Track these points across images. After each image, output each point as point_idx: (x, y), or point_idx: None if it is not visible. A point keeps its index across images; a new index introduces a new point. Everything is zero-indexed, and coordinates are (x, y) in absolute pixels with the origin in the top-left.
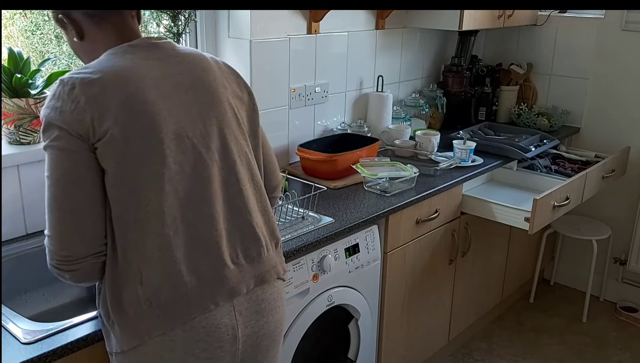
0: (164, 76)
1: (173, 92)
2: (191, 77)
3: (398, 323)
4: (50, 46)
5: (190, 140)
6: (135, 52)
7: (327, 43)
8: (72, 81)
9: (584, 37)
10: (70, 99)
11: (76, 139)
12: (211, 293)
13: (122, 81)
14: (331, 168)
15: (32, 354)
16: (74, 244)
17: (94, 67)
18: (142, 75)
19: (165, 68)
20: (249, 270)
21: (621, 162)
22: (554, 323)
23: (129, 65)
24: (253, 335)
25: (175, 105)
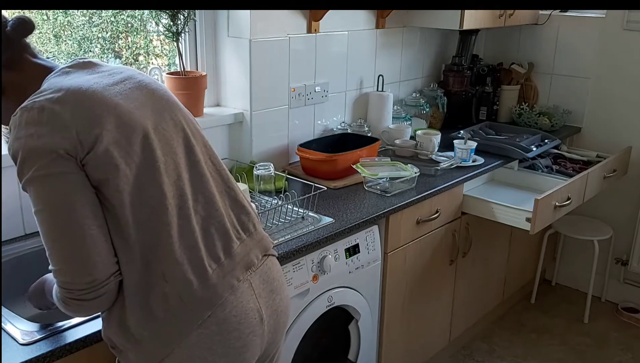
0: (115, 83)
1: (131, 95)
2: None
3: (398, 324)
4: (49, 45)
5: (167, 131)
6: (74, 71)
7: (327, 42)
8: (38, 104)
9: (586, 37)
10: (45, 121)
11: (65, 160)
12: (230, 270)
13: (86, 93)
14: (331, 168)
15: (31, 355)
16: (95, 267)
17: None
18: (99, 86)
19: (110, 78)
20: (251, 241)
21: (623, 162)
22: (555, 324)
23: (79, 80)
24: (274, 313)
25: (139, 105)
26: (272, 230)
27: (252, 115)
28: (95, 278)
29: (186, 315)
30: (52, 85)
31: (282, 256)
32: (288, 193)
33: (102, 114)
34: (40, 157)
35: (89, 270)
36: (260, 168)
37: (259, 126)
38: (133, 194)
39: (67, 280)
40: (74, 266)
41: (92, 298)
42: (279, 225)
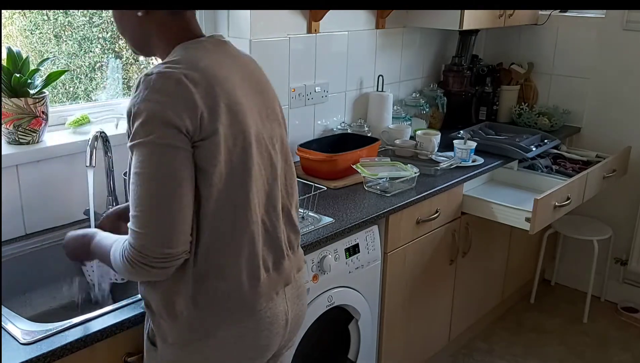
0: (241, 76)
1: (249, 93)
2: (256, 80)
3: (398, 324)
4: (50, 45)
5: (265, 141)
6: (211, 50)
7: (327, 43)
8: (176, 76)
9: (585, 37)
10: (178, 94)
11: (183, 136)
12: (274, 283)
13: (218, 79)
14: (331, 168)
15: (31, 355)
16: (177, 242)
17: (186, 63)
18: (228, 73)
19: (238, 68)
20: (294, 259)
21: (622, 162)
22: (555, 324)
23: (215, 62)
24: (296, 317)
25: (251, 106)
26: None
27: None
28: (174, 251)
29: (227, 313)
30: (188, 58)
31: None
32: None
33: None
34: (163, 126)
35: (171, 242)
36: None
37: None
38: (221, 191)
39: (146, 245)
40: (159, 234)
41: (160, 267)
42: None
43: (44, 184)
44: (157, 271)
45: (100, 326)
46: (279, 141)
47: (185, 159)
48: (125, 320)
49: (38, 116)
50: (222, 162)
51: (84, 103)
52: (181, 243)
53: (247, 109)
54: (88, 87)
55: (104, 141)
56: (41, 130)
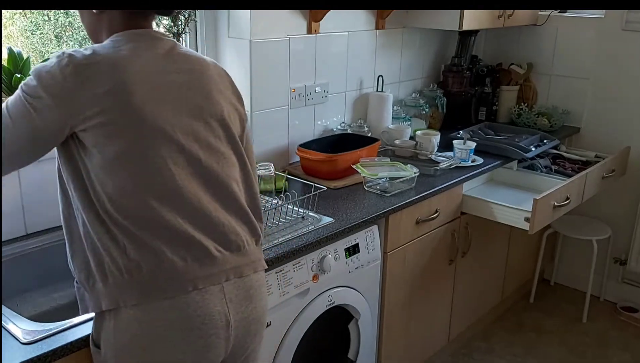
0: (160, 71)
1: (165, 88)
2: (187, 77)
3: (398, 324)
4: (50, 45)
5: (175, 135)
6: (138, 42)
7: (327, 43)
8: (70, 59)
9: (584, 37)
10: (61, 76)
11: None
12: (191, 276)
13: (116, 69)
14: (331, 168)
15: (32, 354)
16: None
17: (96, 50)
18: (138, 66)
19: (162, 63)
20: (230, 260)
21: (621, 162)
22: (554, 324)
23: (128, 54)
24: (243, 320)
25: (165, 100)
26: (272, 230)
27: (253, 115)
28: None
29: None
30: (101, 48)
31: (282, 256)
32: (288, 193)
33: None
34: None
35: None
36: (261, 168)
37: (259, 127)
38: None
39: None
40: None
41: None
42: (279, 225)
43: (45, 184)
44: None
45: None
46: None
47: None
48: None
49: None
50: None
51: None
52: None
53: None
54: None
55: None
56: None
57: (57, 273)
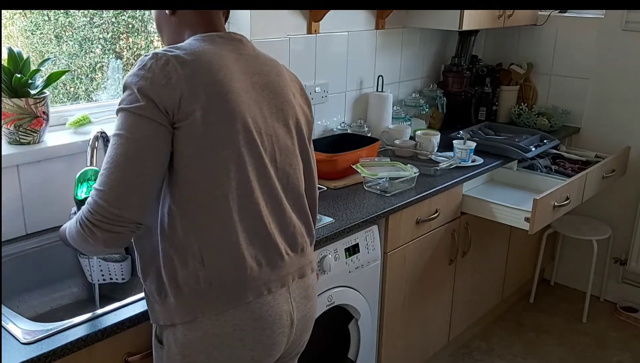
0: (245, 71)
1: (251, 88)
2: (267, 79)
3: (398, 324)
4: (50, 45)
5: (260, 136)
6: (221, 43)
7: (327, 43)
8: (167, 57)
9: (584, 37)
10: (163, 74)
11: (161, 113)
12: (266, 279)
13: (211, 67)
14: (331, 168)
15: (32, 354)
16: (129, 206)
17: (186, 49)
18: (228, 65)
19: (245, 64)
20: (295, 262)
21: (621, 162)
22: (554, 324)
23: (217, 53)
24: (303, 318)
25: (252, 100)
26: None
27: None
28: (122, 214)
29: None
30: (189, 46)
31: None
32: None
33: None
34: (143, 99)
35: (122, 203)
36: None
37: None
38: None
39: (99, 202)
40: (113, 194)
41: (106, 229)
42: None
43: (45, 185)
44: (101, 233)
45: (101, 326)
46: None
47: (162, 133)
48: (126, 320)
49: (39, 116)
50: (198, 146)
51: (84, 103)
52: (132, 208)
53: (247, 101)
54: (89, 88)
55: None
56: (42, 130)
57: (57, 273)
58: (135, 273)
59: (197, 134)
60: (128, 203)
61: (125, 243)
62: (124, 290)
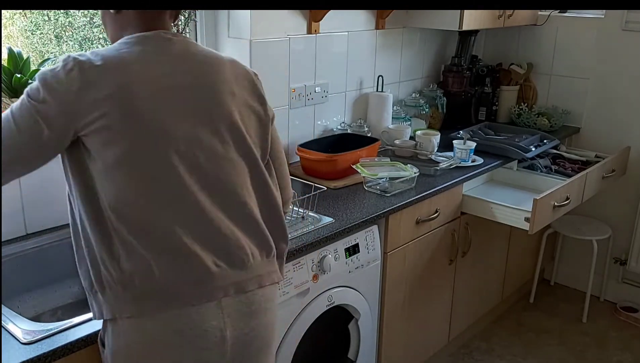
0: (166, 74)
1: (170, 92)
2: (195, 79)
3: (398, 324)
4: (50, 45)
5: (174, 143)
6: (146, 44)
7: (327, 43)
8: (74, 63)
9: (584, 37)
10: (66, 80)
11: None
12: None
13: (119, 72)
14: (331, 168)
15: (32, 354)
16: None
17: (101, 54)
18: (142, 70)
19: (170, 66)
20: (231, 276)
21: (621, 162)
22: (554, 324)
23: (134, 58)
24: (243, 336)
25: (168, 105)
26: None
27: None
28: None
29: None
30: (106, 51)
31: None
32: None
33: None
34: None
35: None
36: None
37: None
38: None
39: None
40: None
41: None
42: None
43: (45, 184)
44: None
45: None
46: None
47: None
48: None
49: None
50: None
51: None
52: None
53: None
54: None
55: None
56: None
57: (57, 273)
58: None
59: (101, 142)
60: None
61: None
62: None
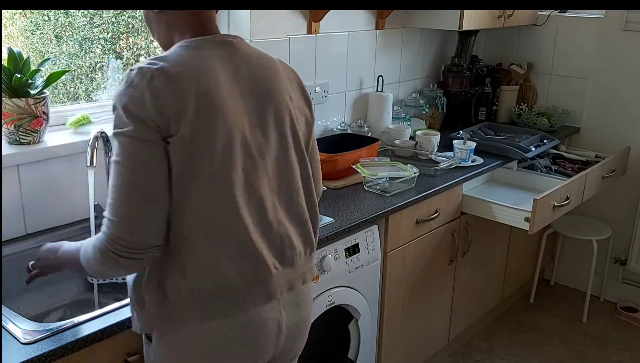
0: (234, 78)
1: (239, 97)
2: (259, 84)
3: (398, 324)
4: (50, 45)
5: (248, 149)
6: (208, 49)
7: (327, 43)
8: (152, 71)
9: (584, 37)
10: (149, 90)
11: (154, 131)
12: (250, 294)
13: (198, 79)
14: (331, 168)
15: (32, 354)
16: (147, 232)
17: (171, 60)
18: (215, 75)
19: (235, 70)
20: (284, 276)
21: (621, 162)
22: (554, 324)
23: (204, 62)
24: (294, 325)
25: (241, 110)
26: None
27: None
28: (140, 242)
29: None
30: (175, 57)
31: None
32: None
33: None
34: (133, 120)
35: (138, 232)
36: None
37: None
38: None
39: (116, 232)
40: (126, 223)
41: (128, 258)
42: None
43: (45, 185)
44: (125, 261)
45: (101, 326)
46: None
47: (155, 153)
48: (126, 320)
49: (39, 116)
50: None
51: (84, 103)
52: (149, 235)
53: (232, 112)
54: (89, 88)
55: (105, 141)
56: (42, 130)
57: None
58: None
59: (185, 150)
60: (145, 230)
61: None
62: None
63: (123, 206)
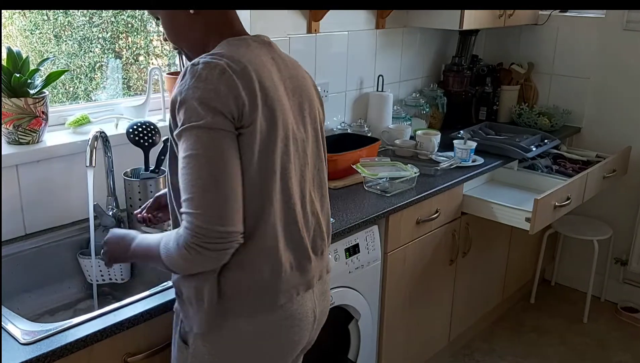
0: (279, 76)
1: (284, 94)
2: (295, 83)
3: (398, 324)
4: (49, 45)
5: (295, 142)
6: (256, 48)
7: (327, 43)
8: (220, 66)
9: (585, 37)
10: (223, 83)
11: (229, 121)
12: (296, 283)
13: (259, 75)
14: (331, 168)
15: (31, 355)
16: (231, 220)
17: (230, 56)
18: (269, 71)
19: (278, 68)
20: (317, 263)
21: (622, 162)
22: (555, 324)
23: (258, 59)
24: (322, 313)
25: (288, 106)
26: None
27: None
28: (230, 229)
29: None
30: (231, 52)
31: None
32: None
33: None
34: (210, 111)
35: (226, 219)
36: None
37: None
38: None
39: (202, 225)
40: (214, 212)
41: (216, 249)
42: None
43: (44, 184)
44: (213, 254)
45: (100, 326)
46: (310, 146)
47: (232, 143)
48: (125, 320)
49: (38, 116)
50: (256, 155)
51: (83, 103)
52: (236, 221)
53: (286, 108)
54: (88, 87)
55: (104, 141)
56: (41, 130)
57: (56, 273)
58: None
59: (254, 141)
60: (230, 217)
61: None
62: (123, 290)
63: (207, 198)
